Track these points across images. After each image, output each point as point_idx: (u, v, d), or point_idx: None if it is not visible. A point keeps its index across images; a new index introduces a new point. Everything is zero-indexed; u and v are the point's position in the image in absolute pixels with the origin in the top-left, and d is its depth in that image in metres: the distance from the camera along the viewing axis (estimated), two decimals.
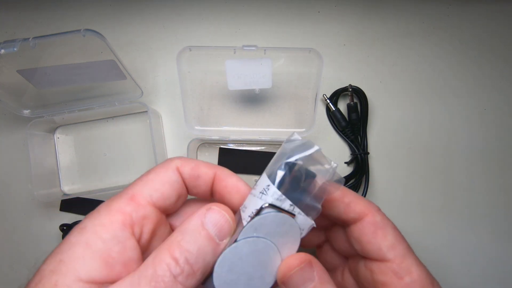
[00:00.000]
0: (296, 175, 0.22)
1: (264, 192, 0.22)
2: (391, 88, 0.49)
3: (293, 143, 0.23)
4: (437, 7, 0.50)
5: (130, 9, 0.50)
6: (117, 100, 0.45)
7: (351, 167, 0.48)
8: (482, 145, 0.48)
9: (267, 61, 0.40)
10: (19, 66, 0.39)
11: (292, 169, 0.22)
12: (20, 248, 0.48)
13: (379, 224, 0.25)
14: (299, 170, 0.22)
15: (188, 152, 0.44)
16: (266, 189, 0.22)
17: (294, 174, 0.22)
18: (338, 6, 0.50)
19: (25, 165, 0.48)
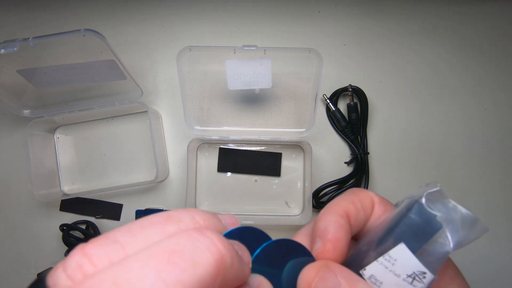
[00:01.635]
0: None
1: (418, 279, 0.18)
2: (391, 88, 0.49)
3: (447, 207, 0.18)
4: (437, 7, 0.50)
5: (130, 9, 0.50)
6: (117, 100, 0.45)
7: (351, 167, 0.48)
8: (482, 145, 0.48)
9: (267, 61, 0.40)
10: (19, 66, 0.39)
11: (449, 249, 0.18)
12: (20, 248, 0.48)
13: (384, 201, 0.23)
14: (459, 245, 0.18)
15: (188, 152, 0.44)
16: (420, 276, 0.17)
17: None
18: (338, 6, 0.50)
19: (25, 165, 0.48)
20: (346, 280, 0.18)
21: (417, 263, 0.17)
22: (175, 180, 0.48)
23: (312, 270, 0.19)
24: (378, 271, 0.19)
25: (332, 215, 0.21)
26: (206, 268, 0.14)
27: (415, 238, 0.18)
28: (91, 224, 0.47)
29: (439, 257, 0.17)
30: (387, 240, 0.19)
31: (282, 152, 0.48)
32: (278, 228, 0.47)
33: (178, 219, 0.17)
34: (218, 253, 0.14)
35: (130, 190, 0.48)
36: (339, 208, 0.21)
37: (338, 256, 0.20)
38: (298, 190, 0.47)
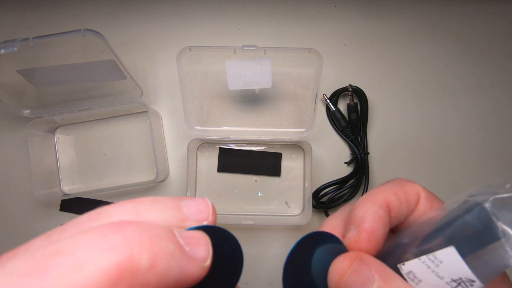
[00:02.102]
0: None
1: (463, 285, 0.16)
2: (391, 88, 0.49)
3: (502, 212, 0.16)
4: (437, 7, 0.50)
5: (130, 9, 0.50)
6: (117, 100, 0.45)
7: (351, 167, 0.48)
8: (482, 145, 0.48)
9: (267, 61, 0.40)
10: (19, 66, 0.39)
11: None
12: None
13: (432, 196, 0.21)
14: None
15: (188, 152, 0.44)
16: (468, 283, 0.16)
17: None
18: (338, 6, 0.50)
19: (25, 165, 0.48)
20: (381, 275, 0.17)
21: (466, 269, 0.16)
22: (175, 180, 0.48)
23: (345, 261, 0.18)
24: (418, 269, 0.17)
25: (372, 204, 0.19)
26: (94, 272, 0.11)
27: (468, 244, 0.16)
28: None
29: (494, 269, 0.16)
30: (435, 240, 0.18)
31: (282, 152, 0.48)
32: (278, 228, 0.47)
33: (109, 216, 0.15)
34: (124, 253, 0.12)
35: (130, 190, 0.48)
36: (381, 198, 0.20)
37: (372, 249, 0.19)
38: (298, 190, 0.47)
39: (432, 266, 0.17)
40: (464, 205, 0.17)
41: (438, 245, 0.17)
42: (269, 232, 0.47)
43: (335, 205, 0.46)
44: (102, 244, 0.12)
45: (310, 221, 0.43)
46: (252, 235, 0.47)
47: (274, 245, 0.47)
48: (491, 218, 0.16)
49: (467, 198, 0.17)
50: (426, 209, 0.21)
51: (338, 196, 0.45)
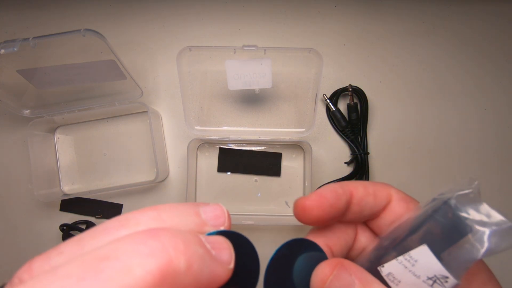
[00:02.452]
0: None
1: (439, 282, 0.17)
2: (391, 88, 0.49)
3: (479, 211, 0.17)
4: (437, 7, 0.50)
5: (130, 9, 0.50)
6: (117, 100, 0.45)
7: (351, 167, 0.48)
8: (482, 145, 0.48)
9: (267, 61, 0.40)
10: (19, 66, 0.39)
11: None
12: (20, 248, 0.48)
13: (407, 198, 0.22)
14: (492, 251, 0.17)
15: (188, 152, 0.44)
16: (442, 280, 0.17)
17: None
18: (338, 6, 0.50)
19: (25, 165, 0.48)
20: (360, 280, 0.18)
21: (439, 266, 0.17)
22: (175, 180, 0.48)
23: (327, 267, 0.19)
24: (397, 269, 0.18)
25: (335, 184, 0.21)
26: (142, 275, 0.12)
27: (439, 241, 0.17)
28: (91, 224, 0.47)
29: (464, 263, 0.16)
30: (409, 240, 0.18)
31: (282, 152, 0.48)
32: (278, 228, 0.47)
33: (136, 222, 0.16)
34: (164, 257, 0.13)
35: (130, 190, 0.48)
36: (346, 183, 0.21)
37: (315, 208, 0.20)
38: (298, 190, 0.47)
39: (408, 266, 0.18)
40: (433, 203, 0.18)
41: (412, 245, 0.18)
42: (269, 232, 0.47)
43: None
44: (144, 250, 0.13)
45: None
46: (252, 235, 0.47)
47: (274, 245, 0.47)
48: (456, 214, 0.17)
49: (435, 197, 0.18)
50: (402, 211, 0.22)
51: None
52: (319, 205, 0.20)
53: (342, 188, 0.21)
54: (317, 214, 0.20)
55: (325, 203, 0.20)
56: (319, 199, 0.20)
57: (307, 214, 0.20)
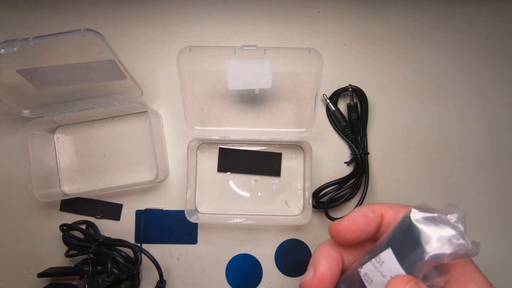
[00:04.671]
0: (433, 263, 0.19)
1: None
2: (391, 88, 0.49)
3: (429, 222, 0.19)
4: (437, 7, 0.50)
5: (130, 9, 0.50)
6: (117, 100, 0.45)
7: (351, 167, 0.48)
8: (482, 145, 0.48)
9: (267, 61, 0.40)
10: (19, 66, 0.39)
11: (431, 262, 0.19)
12: (20, 248, 0.48)
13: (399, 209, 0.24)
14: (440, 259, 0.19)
15: (188, 152, 0.44)
16: None
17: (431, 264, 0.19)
18: (338, 6, 0.50)
19: (25, 165, 0.48)
20: None
21: (398, 267, 0.19)
22: (175, 180, 0.48)
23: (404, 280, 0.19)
24: (370, 270, 0.21)
25: (367, 208, 0.23)
26: None
27: (400, 246, 0.20)
28: (91, 224, 0.47)
29: (417, 265, 0.19)
30: (381, 244, 0.21)
31: (282, 152, 0.48)
32: (278, 228, 0.47)
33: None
34: None
35: (130, 190, 0.48)
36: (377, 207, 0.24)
37: (347, 232, 0.22)
38: (298, 190, 0.47)
39: (378, 267, 0.20)
40: (404, 215, 0.21)
41: (383, 248, 0.21)
42: (269, 232, 0.47)
43: (335, 205, 0.46)
44: None
45: (310, 221, 0.43)
46: (252, 235, 0.47)
47: (274, 245, 0.47)
48: (413, 224, 0.19)
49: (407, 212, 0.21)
50: (394, 221, 0.23)
51: (338, 196, 0.45)
52: (351, 230, 0.22)
53: (373, 213, 0.23)
54: (349, 237, 0.22)
55: (357, 228, 0.22)
56: (351, 224, 0.22)
57: (340, 237, 0.23)
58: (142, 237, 0.47)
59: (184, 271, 0.47)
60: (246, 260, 0.47)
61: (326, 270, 0.23)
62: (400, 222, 0.21)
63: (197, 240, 0.47)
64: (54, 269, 0.46)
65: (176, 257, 0.47)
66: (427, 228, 0.19)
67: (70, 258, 0.45)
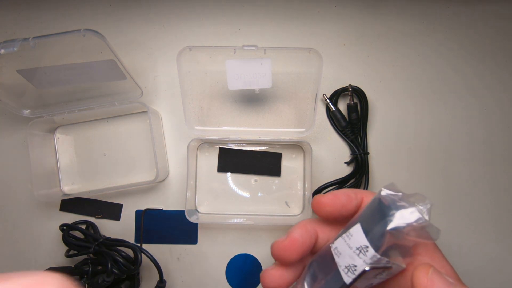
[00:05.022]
0: (394, 238, 0.21)
1: (362, 252, 0.22)
2: (391, 88, 0.49)
3: (394, 197, 0.22)
4: (437, 7, 0.50)
5: (130, 9, 0.50)
6: (117, 100, 0.45)
7: (351, 167, 0.48)
8: (482, 145, 0.48)
9: (267, 61, 0.40)
10: (19, 66, 0.39)
11: (393, 235, 0.21)
12: (20, 248, 0.48)
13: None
14: (400, 233, 0.21)
15: (188, 152, 0.44)
16: (364, 249, 0.22)
17: (393, 238, 0.21)
18: (338, 6, 0.50)
19: (25, 165, 0.48)
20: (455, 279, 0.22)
21: (364, 239, 0.22)
22: (175, 180, 0.48)
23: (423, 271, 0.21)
24: (340, 244, 0.23)
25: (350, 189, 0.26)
26: None
27: (368, 221, 0.22)
28: (91, 224, 0.47)
29: (380, 237, 0.21)
30: (354, 222, 0.23)
31: (282, 152, 0.48)
32: (278, 228, 0.47)
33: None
34: None
35: (130, 190, 0.48)
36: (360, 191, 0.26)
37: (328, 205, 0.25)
38: (298, 190, 0.47)
39: (347, 240, 0.23)
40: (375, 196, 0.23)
41: (353, 224, 0.23)
42: (269, 232, 0.47)
43: None
44: None
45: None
46: (252, 235, 0.47)
47: None
48: (380, 200, 0.22)
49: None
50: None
51: None
52: (332, 203, 0.24)
53: (355, 194, 0.25)
54: (330, 210, 0.25)
55: (338, 203, 0.24)
56: (333, 198, 0.25)
57: (321, 208, 0.25)
58: (142, 237, 0.47)
59: (184, 271, 0.47)
60: (246, 260, 0.47)
61: (298, 237, 0.25)
62: (371, 201, 0.23)
63: (197, 240, 0.47)
64: (54, 269, 0.46)
65: (176, 257, 0.47)
66: (392, 204, 0.21)
67: (70, 258, 0.45)
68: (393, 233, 0.21)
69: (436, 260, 0.23)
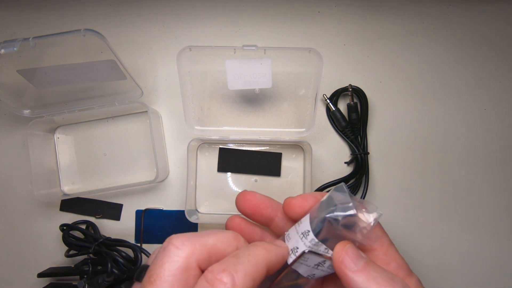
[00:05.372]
0: (332, 228, 0.24)
1: (305, 236, 0.25)
2: (391, 88, 0.49)
3: (339, 195, 0.25)
4: (437, 7, 0.50)
5: (130, 9, 0.50)
6: (117, 100, 0.45)
7: (351, 167, 0.48)
8: (482, 145, 0.48)
9: (267, 61, 0.40)
10: (19, 66, 0.39)
11: (331, 223, 0.24)
12: (20, 248, 0.48)
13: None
14: (336, 223, 0.24)
15: (188, 152, 0.44)
16: (306, 233, 0.25)
17: (331, 227, 0.24)
18: (338, 6, 0.50)
19: (25, 165, 0.48)
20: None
21: (308, 225, 0.25)
22: (175, 180, 0.48)
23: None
24: (291, 231, 0.26)
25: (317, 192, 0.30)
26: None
27: (315, 212, 0.25)
28: (91, 224, 0.47)
29: (319, 223, 0.24)
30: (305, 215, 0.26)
31: (282, 152, 0.48)
32: None
33: None
34: None
35: (130, 190, 0.48)
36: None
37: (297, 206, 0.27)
38: (298, 190, 0.47)
39: (297, 227, 0.26)
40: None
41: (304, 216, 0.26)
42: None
43: None
44: None
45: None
46: None
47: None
48: (330, 197, 0.25)
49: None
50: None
51: None
52: (301, 205, 0.27)
53: (322, 196, 0.27)
54: (298, 212, 0.27)
55: (306, 205, 0.26)
56: (302, 200, 0.27)
57: (291, 210, 0.27)
58: (142, 237, 0.47)
59: None
60: None
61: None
62: (323, 199, 0.26)
63: None
64: (54, 269, 0.46)
65: None
66: (338, 200, 0.25)
67: (70, 258, 0.45)
68: (330, 221, 0.24)
69: (389, 254, 0.25)
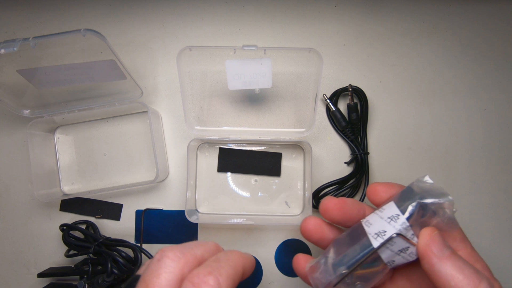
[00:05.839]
0: (419, 214, 0.25)
1: (393, 219, 0.25)
2: (391, 88, 0.49)
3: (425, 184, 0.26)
4: (437, 7, 0.50)
5: (130, 9, 0.50)
6: (117, 100, 0.45)
7: (351, 167, 0.48)
8: (482, 145, 0.48)
9: (267, 61, 0.40)
10: (19, 66, 0.39)
11: (422, 208, 0.25)
12: (20, 248, 0.48)
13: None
14: (426, 209, 0.25)
15: (188, 152, 0.44)
16: (395, 217, 0.25)
17: (420, 213, 0.25)
18: (338, 6, 0.50)
19: (25, 165, 0.48)
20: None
21: (396, 209, 0.26)
22: (175, 180, 0.48)
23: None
24: (372, 217, 0.27)
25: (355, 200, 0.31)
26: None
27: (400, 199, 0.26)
28: (91, 224, 0.47)
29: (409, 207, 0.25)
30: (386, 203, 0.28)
31: (282, 152, 0.48)
32: (278, 228, 0.47)
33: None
34: None
35: (130, 190, 0.48)
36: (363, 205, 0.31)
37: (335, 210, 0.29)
38: (298, 190, 0.47)
39: (379, 213, 0.27)
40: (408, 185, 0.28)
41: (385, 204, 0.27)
42: (269, 232, 0.47)
43: None
44: None
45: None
46: (252, 235, 0.47)
47: (274, 245, 0.47)
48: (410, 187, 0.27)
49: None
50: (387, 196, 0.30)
51: (338, 196, 0.45)
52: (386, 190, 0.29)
53: (359, 205, 0.29)
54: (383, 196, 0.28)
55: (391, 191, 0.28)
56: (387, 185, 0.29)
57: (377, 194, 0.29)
58: (142, 237, 0.47)
59: None
60: None
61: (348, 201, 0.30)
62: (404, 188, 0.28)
63: (197, 240, 0.47)
64: (54, 269, 0.46)
65: None
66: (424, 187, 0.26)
67: (70, 258, 0.45)
68: (423, 206, 0.24)
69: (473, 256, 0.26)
